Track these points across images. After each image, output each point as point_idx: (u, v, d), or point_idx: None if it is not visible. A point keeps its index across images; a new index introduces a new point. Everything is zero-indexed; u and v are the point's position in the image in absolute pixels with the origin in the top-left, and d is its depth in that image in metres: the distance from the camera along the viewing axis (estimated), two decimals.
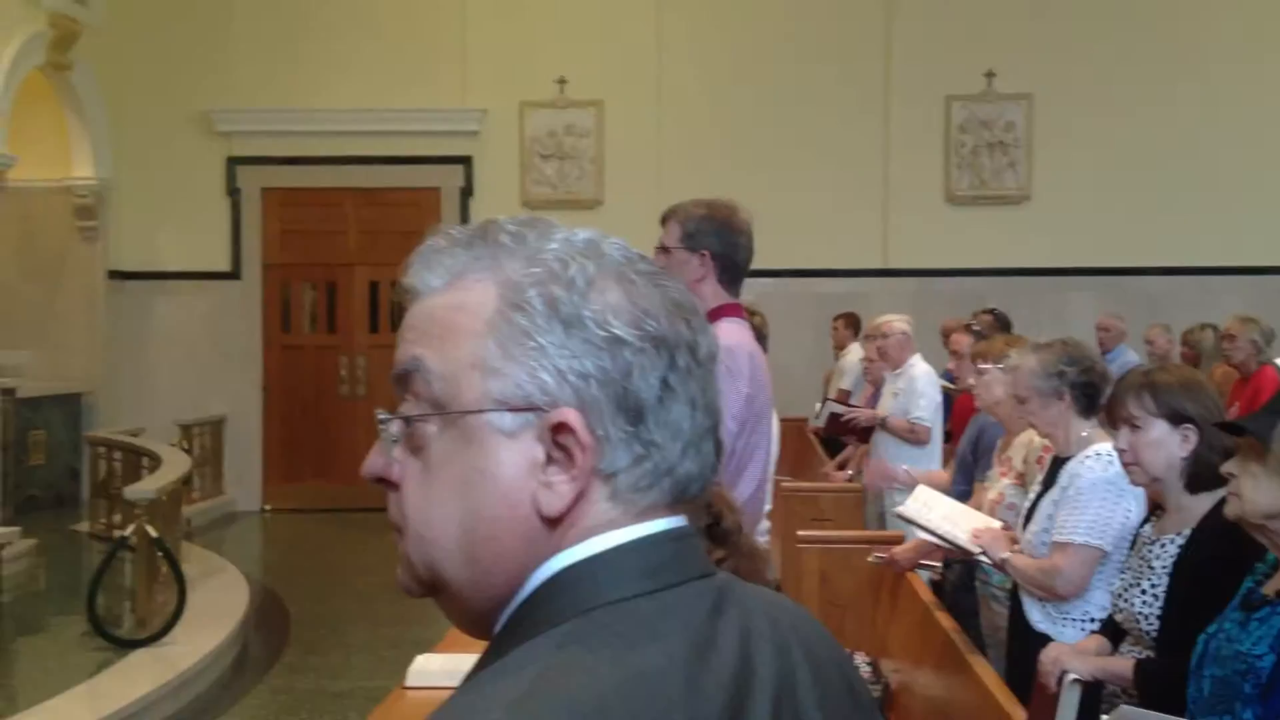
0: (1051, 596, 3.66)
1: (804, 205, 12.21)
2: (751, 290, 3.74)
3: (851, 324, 9.80)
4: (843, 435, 7.78)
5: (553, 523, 0.95)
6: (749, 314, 3.53)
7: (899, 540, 5.00)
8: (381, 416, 1.00)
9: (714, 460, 1.00)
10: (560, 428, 0.94)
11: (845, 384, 8.91)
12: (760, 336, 4.04)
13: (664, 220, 3.29)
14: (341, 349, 13.12)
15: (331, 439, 12.64)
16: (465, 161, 12.86)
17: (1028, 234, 12.43)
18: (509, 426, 0.95)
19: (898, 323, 7.05)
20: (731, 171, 11.35)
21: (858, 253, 12.50)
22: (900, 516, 4.52)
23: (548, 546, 0.96)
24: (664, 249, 3.23)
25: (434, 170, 12.82)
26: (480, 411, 0.95)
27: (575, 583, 0.95)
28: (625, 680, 0.88)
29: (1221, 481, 2.48)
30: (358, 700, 6.41)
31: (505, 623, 0.97)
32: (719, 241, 3.22)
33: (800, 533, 5.44)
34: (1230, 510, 2.43)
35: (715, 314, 3.21)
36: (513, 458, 0.95)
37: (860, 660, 4.55)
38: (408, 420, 0.99)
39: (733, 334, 3.20)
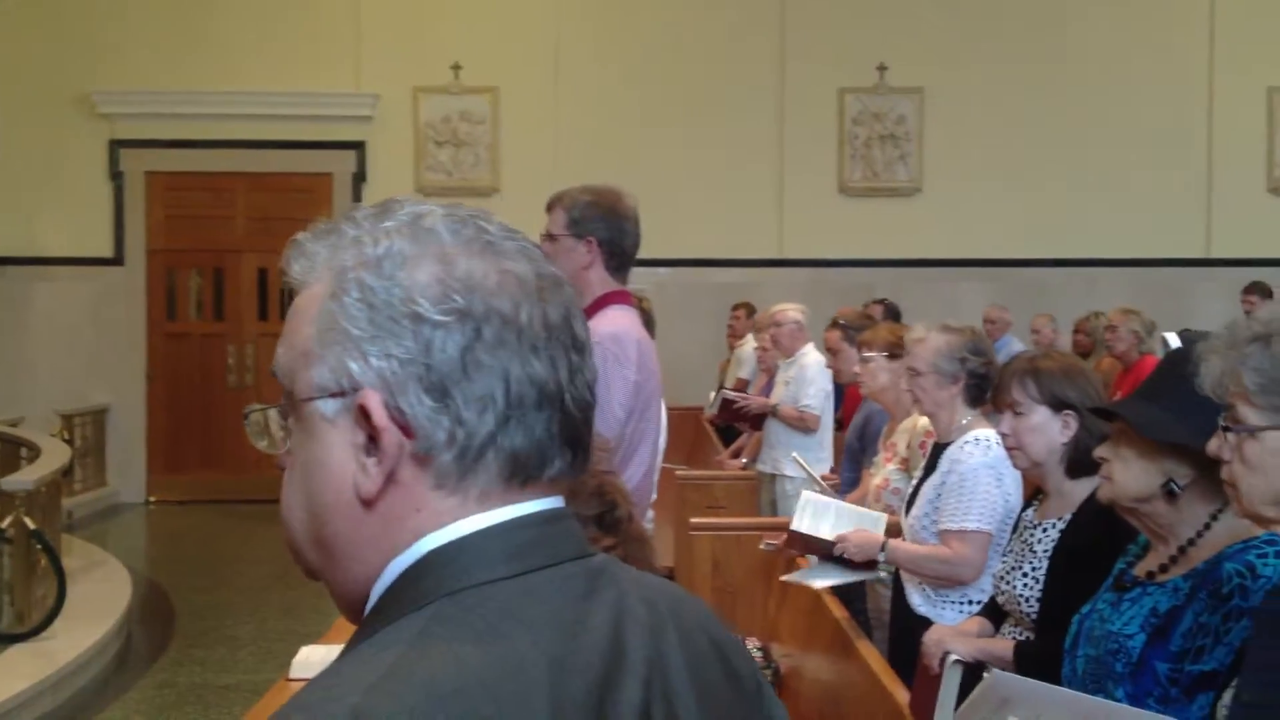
0: (952, 584, 3.71)
1: (700, 195, 12.27)
2: (647, 279, 3.74)
3: (752, 314, 9.86)
4: (736, 423, 7.84)
5: (369, 505, 0.96)
6: (637, 300, 3.52)
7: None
8: (245, 411, 1.06)
9: (556, 433, 0.98)
10: (364, 410, 0.95)
11: (743, 373, 8.99)
12: (648, 323, 4.04)
13: (549, 207, 3.26)
14: (229, 337, 12.85)
15: (218, 429, 12.39)
16: (358, 147, 12.66)
17: (918, 226, 12.61)
18: (330, 413, 0.97)
19: (791, 312, 7.13)
20: (628, 160, 11.36)
21: (753, 243, 12.57)
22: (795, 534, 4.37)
23: (382, 532, 0.96)
24: (550, 236, 3.21)
25: (326, 155, 12.58)
26: (307, 400, 0.98)
27: (439, 565, 0.95)
28: (486, 662, 0.88)
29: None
30: (243, 694, 6.31)
31: (372, 606, 0.97)
32: (605, 228, 3.20)
33: (693, 520, 5.47)
34: (1103, 493, 2.48)
35: (603, 301, 3.20)
36: (338, 443, 0.97)
37: (752, 645, 4.57)
38: (252, 413, 1.04)
39: (620, 321, 3.19)
